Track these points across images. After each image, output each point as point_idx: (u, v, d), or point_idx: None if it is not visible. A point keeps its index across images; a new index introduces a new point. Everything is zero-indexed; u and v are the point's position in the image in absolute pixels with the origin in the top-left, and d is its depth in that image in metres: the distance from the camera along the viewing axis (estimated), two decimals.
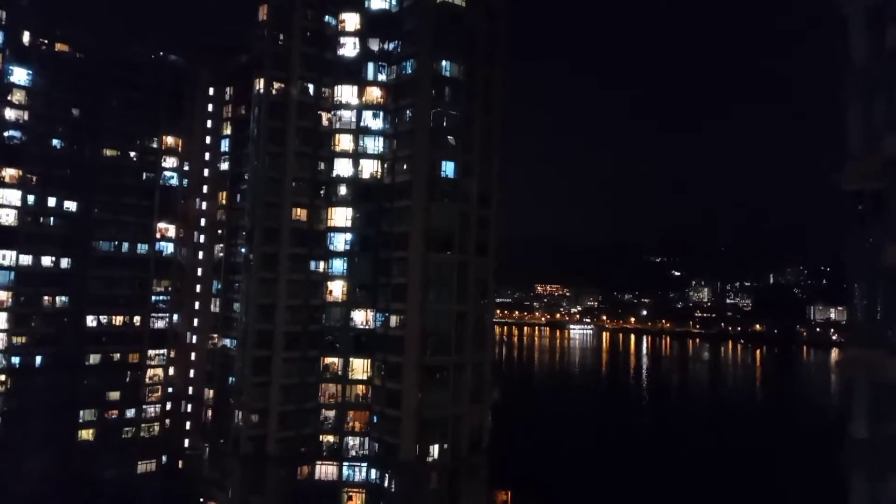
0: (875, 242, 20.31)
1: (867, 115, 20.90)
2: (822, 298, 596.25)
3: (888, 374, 18.28)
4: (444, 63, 70.86)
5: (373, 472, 71.10)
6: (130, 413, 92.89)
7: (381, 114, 75.43)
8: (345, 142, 76.11)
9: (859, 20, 21.61)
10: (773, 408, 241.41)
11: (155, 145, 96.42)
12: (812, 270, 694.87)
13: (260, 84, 75.84)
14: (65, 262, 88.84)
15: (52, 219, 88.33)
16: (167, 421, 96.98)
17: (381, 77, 75.90)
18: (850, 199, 21.37)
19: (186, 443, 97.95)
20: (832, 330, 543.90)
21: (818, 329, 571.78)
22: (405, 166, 71.76)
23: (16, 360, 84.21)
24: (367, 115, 75.86)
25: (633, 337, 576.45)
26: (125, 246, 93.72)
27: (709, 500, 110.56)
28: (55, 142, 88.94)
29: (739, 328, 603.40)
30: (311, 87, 75.92)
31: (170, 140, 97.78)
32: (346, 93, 76.41)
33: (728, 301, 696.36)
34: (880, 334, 19.46)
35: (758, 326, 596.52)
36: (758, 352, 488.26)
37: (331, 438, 73.21)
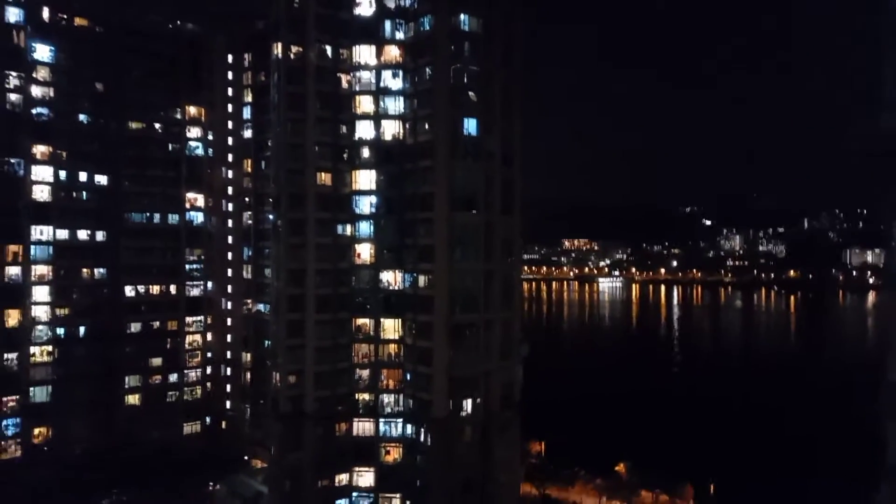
0: None
1: None
2: (859, 242, 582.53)
3: None
4: (462, 17, 69.22)
5: (408, 427, 72.82)
6: (173, 378, 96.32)
7: (401, 73, 74.42)
8: (365, 104, 75.53)
9: None
10: (807, 355, 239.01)
11: (178, 116, 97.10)
12: (848, 213, 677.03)
13: (277, 49, 75.29)
14: (99, 235, 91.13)
15: (83, 193, 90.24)
16: (208, 384, 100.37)
17: (399, 35, 74.58)
18: (888, 144, 20.67)
19: (228, 404, 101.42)
20: (868, 273, 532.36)
21: (854, 273, 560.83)
22: (426, 126, 71.08)
23: (60, 330, 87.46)
24: (387, 76, 74.92)
25: (662, 288, 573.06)
26: (156, 217, 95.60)
27: (738, 450, 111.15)
28: (81, 117, 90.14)
29: (773, 275, 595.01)
30: (328, 49, 75.07)
31: (192, 110, 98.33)
32: (364, 53, 75.40)
33: (761, 248, 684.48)
34: None
35: (792, 273, 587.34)
36: (792, 298, 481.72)
37: (366, 396, 74.97)
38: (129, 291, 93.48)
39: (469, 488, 68.55)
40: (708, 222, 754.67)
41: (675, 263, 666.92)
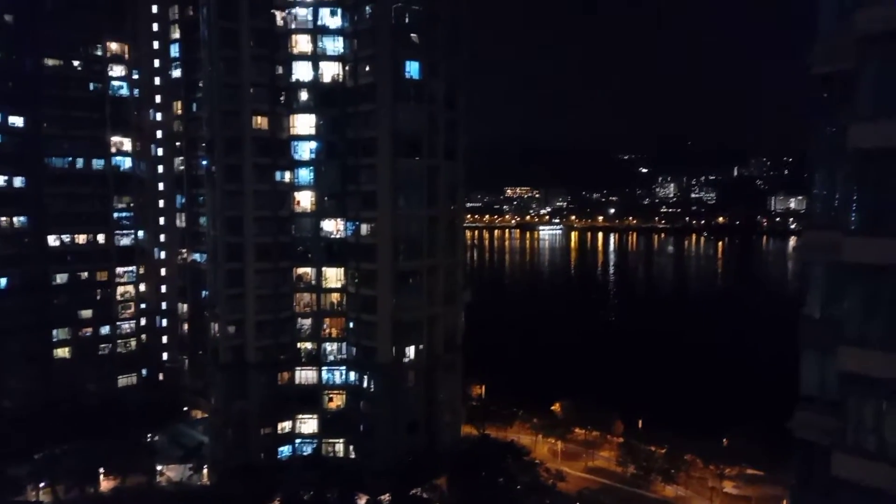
0: (839, 128, 20.47)
1: None
2: (784, 189, 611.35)
3: (843, 254, 19.03)
4: None
5: (352, 374, 73.36)
6: (105, 330, 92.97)
7: (339, 11, 71.41)
8: (302, 43, 72.37)
9: None
10: (731, 295, 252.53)
11: (99, 53, 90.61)
12: (776, 161, 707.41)
13: None
14: (18, 181, 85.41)
15: None
16: (143, 336, 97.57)
17: None
18: (817, 84, 21.30)
19: (165, 356, 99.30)
20: (791, 219, 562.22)
21: (778, 218, 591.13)
22: (367, 67, 68.94)
23: None
24: (325, 13, 71.77)
25: (600, 235, 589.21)
26: (80, 162, 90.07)
27: (673, 383, 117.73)
28: None
29: (703, 221, 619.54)
30: None
31: (114, 47, 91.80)
32: None
33: (693, 195, 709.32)
34: (837, 217, 20.07)
35: (721, 219, 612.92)
36: (720, 243, 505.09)
37: (309, 345, 74.76)
38: (53, 241, 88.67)
39: (413, 429, 70.21)
40: (645, 170, 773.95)
41: (612, 211, 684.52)
